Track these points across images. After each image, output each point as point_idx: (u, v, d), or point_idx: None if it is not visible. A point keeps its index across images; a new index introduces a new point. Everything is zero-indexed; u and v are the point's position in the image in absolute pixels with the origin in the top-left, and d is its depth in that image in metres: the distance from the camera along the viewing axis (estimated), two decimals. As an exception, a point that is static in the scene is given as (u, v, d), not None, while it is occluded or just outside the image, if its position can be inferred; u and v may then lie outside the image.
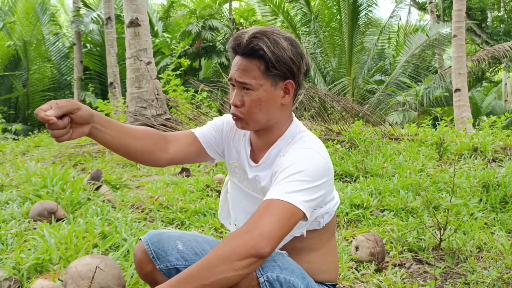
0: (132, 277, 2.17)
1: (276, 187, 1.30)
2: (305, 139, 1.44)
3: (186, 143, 1.56)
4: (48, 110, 1.22)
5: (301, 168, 1.32)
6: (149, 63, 7.51)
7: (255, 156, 1.54)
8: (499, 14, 19.05)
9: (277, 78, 1.39)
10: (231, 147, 1.61)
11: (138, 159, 1.49)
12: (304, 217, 1.30)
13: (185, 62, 12.01)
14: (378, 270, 2.41)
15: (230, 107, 1.46)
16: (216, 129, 1.62)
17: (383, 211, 3.31)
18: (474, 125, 9.36)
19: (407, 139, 5.76)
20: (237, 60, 1.40)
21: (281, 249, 1.51)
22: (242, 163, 1.56)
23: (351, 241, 2.79)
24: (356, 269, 2.41)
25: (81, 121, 1.29)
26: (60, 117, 1.25)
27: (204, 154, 1.60)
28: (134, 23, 7.42)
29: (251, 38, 1.36)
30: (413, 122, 10.39)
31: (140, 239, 1.57)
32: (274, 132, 1.48)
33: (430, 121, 7.84)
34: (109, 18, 11.45)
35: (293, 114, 1.53)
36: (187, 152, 1.57)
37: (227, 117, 1.63)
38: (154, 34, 16.69)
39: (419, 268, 2.45)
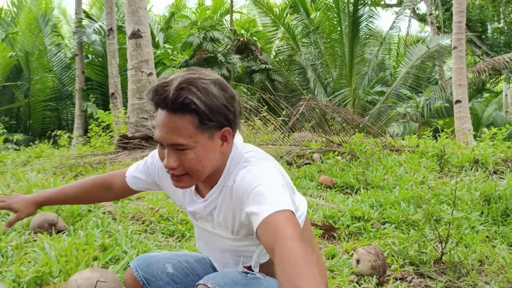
0: (132, 290, 2.16)
1: (259, 214, 1.14)
2: (248, 159, 1.32)
3: (122, 190, 1.66)
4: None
5: (259, 181, 1.21)
6: (150, 74, 7.55)
7: (201, 192, 1.43)
8: (499, 26, 19.17)
9: (213, 129, 1.24)
10: (167, 188, 1.52)
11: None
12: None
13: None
14: (380, 284, 2.39)
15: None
16: (145, 173, 1.57)
17: (384, 223, 3.29)
18: (475, 136, 9.35)
19: (408, 151, 5.76)
20: (163, 117, 1.22)
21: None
22: (187, 204, 1.47)
23: (352, 254, 2.78)
24: (357, 282, 2.40)
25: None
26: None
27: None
28: (136, 35, 7.46)
29: (178, 90, 1.18)
30: (414, 134, 10.40)
31: (130, 265, 1.57)
32: (217, 172, 1.36)
33: (431, 133, 7.83)
34: (111, 29, 11.54)
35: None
36: (129, 193, 1.68)
37: (153, 159, 1.54)
38: (155, 45, 16.77)
39: (421, 282, 2.43)
